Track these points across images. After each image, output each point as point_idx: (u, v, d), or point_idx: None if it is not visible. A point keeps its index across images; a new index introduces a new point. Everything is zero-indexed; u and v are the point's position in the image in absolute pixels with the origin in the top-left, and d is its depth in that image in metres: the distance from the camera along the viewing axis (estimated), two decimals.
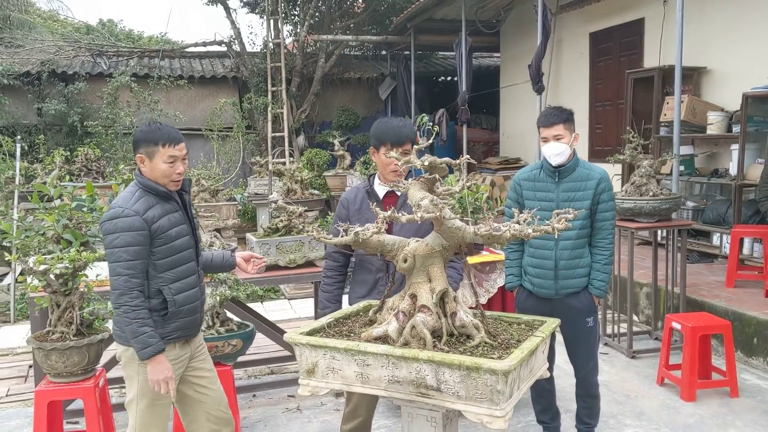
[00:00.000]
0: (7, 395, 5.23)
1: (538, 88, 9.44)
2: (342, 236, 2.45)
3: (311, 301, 8.01)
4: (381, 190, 3.38)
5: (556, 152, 3.62)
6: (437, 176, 2.41)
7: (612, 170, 7.03)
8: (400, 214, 2.28)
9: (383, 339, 2.36)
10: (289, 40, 14.80)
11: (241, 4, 15.50)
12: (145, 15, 40.12)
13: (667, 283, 6.04)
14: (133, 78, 12.20)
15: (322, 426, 4.57)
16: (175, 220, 3.12)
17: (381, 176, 3.39)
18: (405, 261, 2.41)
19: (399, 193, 3.26)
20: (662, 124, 8.20)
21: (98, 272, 4.10)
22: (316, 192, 8.38)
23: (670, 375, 5.05)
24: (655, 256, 6.13)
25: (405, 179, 2.58)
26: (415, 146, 2.60)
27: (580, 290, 3.70)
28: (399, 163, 2.49)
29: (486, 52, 15.89)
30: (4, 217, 4.61)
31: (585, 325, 3.71)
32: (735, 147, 7.21)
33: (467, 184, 2.47)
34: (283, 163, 12.85)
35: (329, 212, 10.28)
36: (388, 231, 3.11)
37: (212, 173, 8.07)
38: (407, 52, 14.97)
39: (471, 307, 2.56)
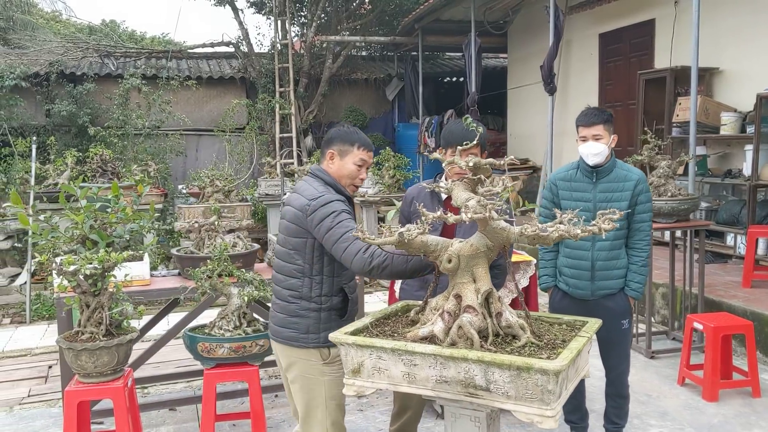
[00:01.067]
0: (29, 396, 5.25)
1: (550, 88, 9.45)
2: (386, 236, 2.47)
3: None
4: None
5: (594, 152, 3.63)
6: (482, 177, 2.42)
7: None
8: (448, 215, 2.29)
9: (429, 339, 2.37)
10: (296, 41, 14.80)
11: (248, 5, 15.52)
12: (146, 16, 40.12)
13: (684, 283, 6.06)
14: (144, 82, 12.21)
15: (347, 426, 4.57)
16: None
17: (448, 177, 3.35)
18: (449, 261, 2.43)
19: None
20: (674, 124, 8.21)
21: (126, 272, 4.11)
22: None
23: (691, 375, 5.07)
24: (672, 256, 6.15)
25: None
26: (459, 147, 2.60)
27: (617, 292, 3.72)
28: (443, 164, 2.50)
29: (493, 52, 15.89)
30: (31, 218, 4.61)
31: (620, 327, 3.73)
32: (749, 148, 7.23)
33: (509, 186, 2.48)
34: (292, 164, 12.88)
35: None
36: (449, 232, 3.15)
37: (225, 174, 8.05)
38: (414, 53, 14.99)
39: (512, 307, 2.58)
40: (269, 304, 5.28)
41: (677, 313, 6.26)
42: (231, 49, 14.99)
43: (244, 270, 4.28)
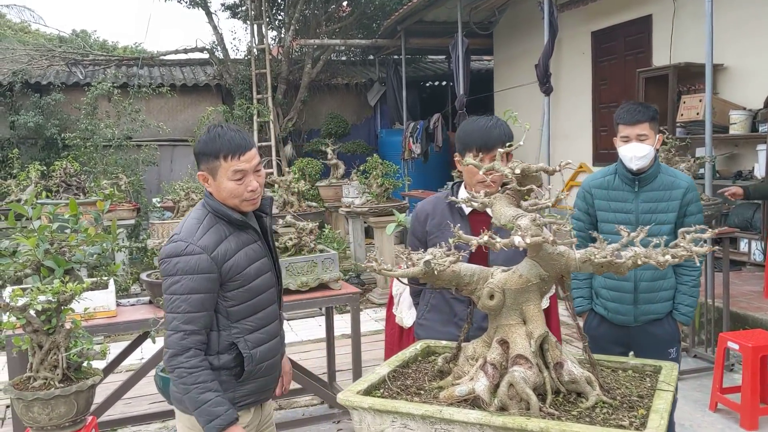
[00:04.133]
0: None
1: (546, 89, 8.97)
2: (408, 266, 1.92)
3: (312, 321, 7.48)
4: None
5: (639, 154, 3.10)
6: (533, 187, 1.89)
7: None
8: (496, 239, 1.74)
9: (470, 400, 1.83)
10: (273, 46, 14.23)
11: (222, 8, 14.93)
12: (118, 26, 39.36)
13: (706, 295, 5.57)
14: (116, 87, 11.55)
15: None
16: (254, 254, 2.50)
17: (468, 187, 2.77)
18: (491, 297, 1.89)
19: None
20: (678, 124, 7.77)
21: (86, 305, 3.53)
22: (313, 204, 7.82)
23: (725, 400, 4.57)
24: None
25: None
26: (500, 149, 2.05)
27: (663, 316, 3.20)
28: (480, 172, 1.96)
29: (478, 54, 15.42)
30: None
31: (667, 357, 3.20)
32: (762, 147, 6.80)
33: (561, 196, 1.95)
34: (271, 174, 12.28)
35: (325, 225, 9.75)
36: (482, 258, 2.58)
37: (201, 186, 7.46)
38: (396, 57, 14.48)
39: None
40: None
41: (697, 328, 5.78)
42: (205, 56, 14.37)
43: None
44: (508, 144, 2.17)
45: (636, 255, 1.74)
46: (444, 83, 16.22)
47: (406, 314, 4.22)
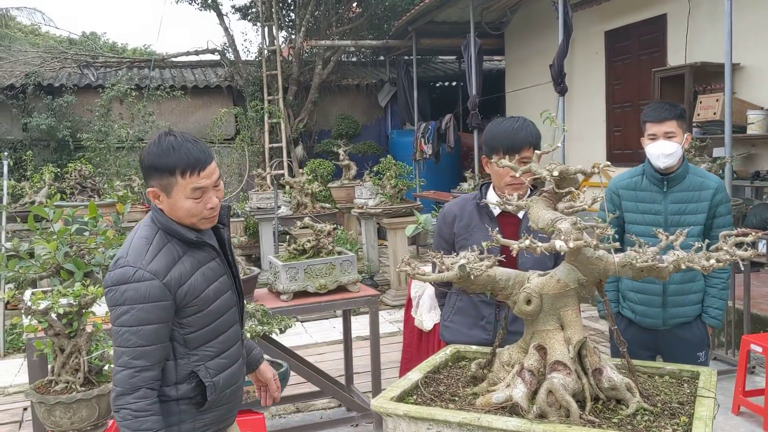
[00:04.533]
0: None
1: (561, 89, 8.94)
2: (441, 269, 1.89)
3: (326, 323, 7.46)
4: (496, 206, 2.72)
5: (667, 152, 3.05)
6: (572, 189, 1.85)
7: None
8: (537, 244, 1.71)
9: (507, 407, 1.80)
10: (284, 47, 14.23)
11: (233, 11, 14.94)
12: (127, 27, 39.50)
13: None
14: (133, 88, 11.58)
15: None
16: (212, 274, 2.25)
17: (496, 189, 2.74)
18: (528, 302, 1.86)
19: (521, 215, 2.62)
20: (695, 124, 7.70)
21: (106, 308, 3.51)
22: (327, 205, 7.81)
23: (748, 403, 4.51)
24: None
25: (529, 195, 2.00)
26: (536, 151, 2.01)
27: (692, 320, 3.15)
28: (517, 174, 1.92)
29: (489, 54, 15.38)
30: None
31: (695, 361, 3.15)
32: None
33: (598, 197, 1.91)
34: (282, 175, 12.28)
35: (338, 226, 9.72)
36: (509, 261, 2.54)
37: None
38: (407, 57, 14.45)
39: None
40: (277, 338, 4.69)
41: (717, 331, 5.72)
42: (216, 57, 14.39)
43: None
44: (540, 145, 2.11)
45: (679, 259, 1.71)
46: (454, 84, 16.19)
47: (426, 317, 4.19)
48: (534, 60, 11.92)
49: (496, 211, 2.68)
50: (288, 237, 4.92)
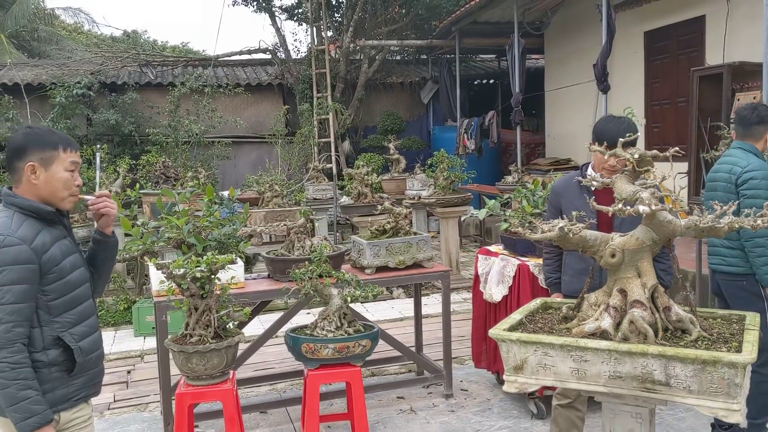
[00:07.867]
0: (115, 401, 5.27)
1: (604, 87, 9.42)
2: (545, 231, 2.46)
3: (385, 304, 8.05)
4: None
5: None
6: (649, 168, 2.41)
7: (676, 167, 6.98)
8: (627, 207, 2.27)
9: (597, 335, 2.36)
10: (331, 47, 14.87)
11: (280, 11, 15.61)
12: (167, 26, 40.40)
13: None
14: (204, 86, 12.33)
15: (441, 427, 4.57)
16: (67, 249, 2.54)
17: (595, 168, 3.47)
18: (613, 256, 2.41)
19: None
20: (733, 120, 8.14)
21: (232, 274, 4.13)
22: (384, 195, 8.40)
23: None
24: None
25: None
26: (621, 139, 2.56)
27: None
28: (606, 155, 2.50)
29: (528, 54, 15.86)
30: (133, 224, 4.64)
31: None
32: None
33: (666, 177, 2.46)
34: (331, 169, 12.91)
35: None
36: (606, 225, 3.15)
37: (278, 179, 8.10)
38: (449, 56, 15.00)
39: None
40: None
41: None
42: (267, 56, 15.07)
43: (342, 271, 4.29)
44: (628, 135, 2.65)
45: (732, 221, 2.25)
46: (492, 81, 16.69)
47: (495, 290, 4.75)
48: (573, 59, 12.40)
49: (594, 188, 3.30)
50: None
